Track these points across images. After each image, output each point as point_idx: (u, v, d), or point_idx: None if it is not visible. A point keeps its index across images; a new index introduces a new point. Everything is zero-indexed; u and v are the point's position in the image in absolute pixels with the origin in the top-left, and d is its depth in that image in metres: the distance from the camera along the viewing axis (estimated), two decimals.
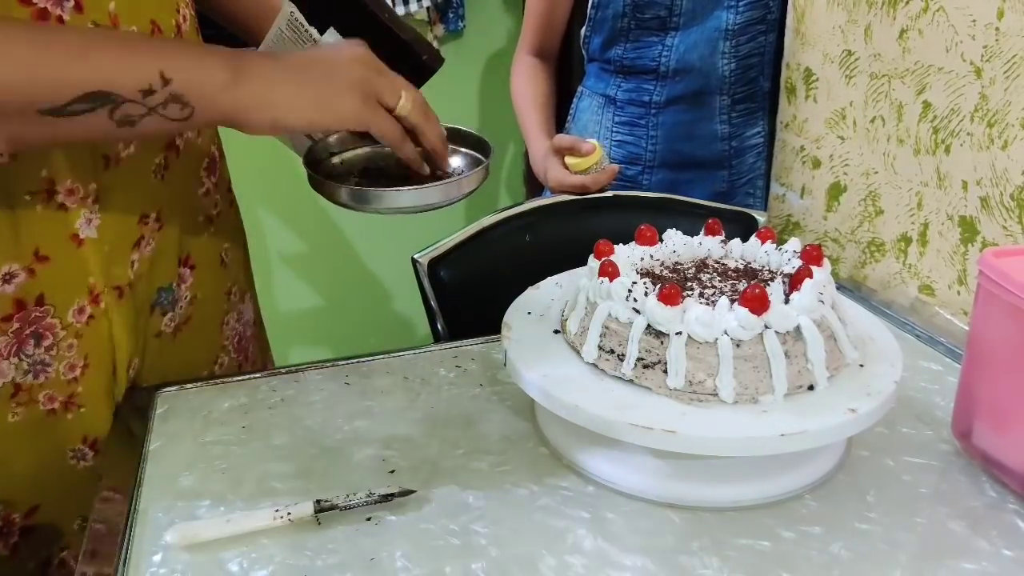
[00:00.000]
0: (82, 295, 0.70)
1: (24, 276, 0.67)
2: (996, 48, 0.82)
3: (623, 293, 0.62)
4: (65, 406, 0.72)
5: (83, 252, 0.70)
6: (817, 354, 0.60)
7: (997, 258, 0.61)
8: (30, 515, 0.73)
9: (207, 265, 0.84)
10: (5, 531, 0.72)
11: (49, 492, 0.73)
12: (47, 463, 0.72)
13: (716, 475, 0.61)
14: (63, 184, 0.67)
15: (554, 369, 0.64)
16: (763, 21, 1.16)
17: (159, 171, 0.75)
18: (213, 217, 0.85)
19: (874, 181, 1.01)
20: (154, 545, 0.58)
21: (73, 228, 0.68)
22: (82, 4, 0.64)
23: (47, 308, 0.68)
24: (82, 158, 0.68)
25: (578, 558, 0.56)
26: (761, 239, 0.72)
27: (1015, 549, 0.57)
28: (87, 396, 0.73)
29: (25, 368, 0.69)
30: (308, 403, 0.75)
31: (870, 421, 0.60)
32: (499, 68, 2.06)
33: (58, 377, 0.70)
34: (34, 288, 0.67)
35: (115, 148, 0.70)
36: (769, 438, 0.57)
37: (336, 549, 0.57)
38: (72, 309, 0.70)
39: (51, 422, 0.71)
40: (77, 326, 0.70)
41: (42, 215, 0.66)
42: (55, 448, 0.73)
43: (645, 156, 1.25)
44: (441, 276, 1.07)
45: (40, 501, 0.73)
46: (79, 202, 0.68)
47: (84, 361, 0.72)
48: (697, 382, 0.60)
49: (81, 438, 0.73)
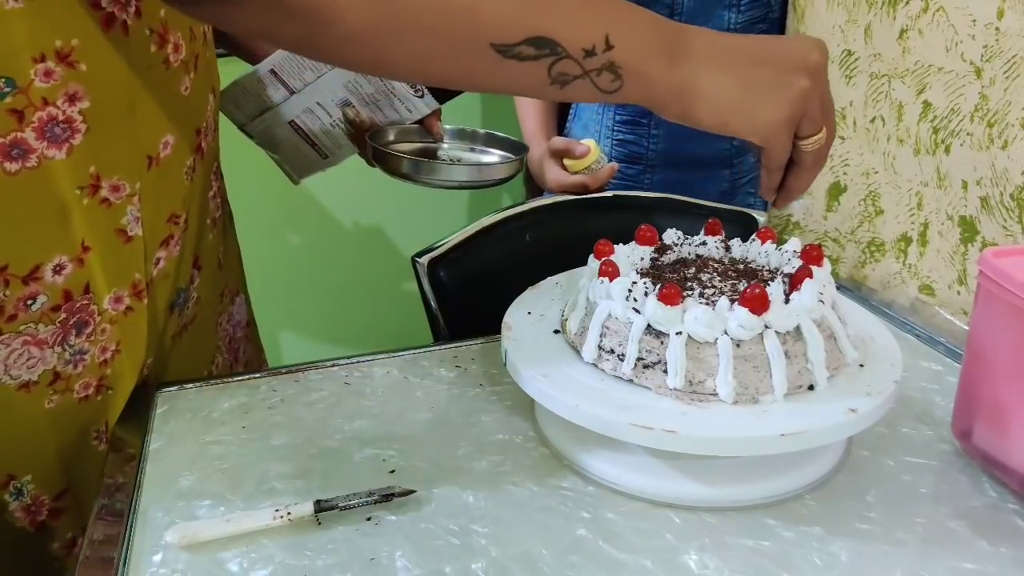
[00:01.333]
0: (123, 286, 0.72)
1: (72, 267, 0.68)
2: (996, 48, 0.82)
3: (623, 293, 0.62)
4: (97, 390, 0.73)
5: (129, 248, 0.71)
6: (817, 354, 0.60)
7: (997, 258, 0.61)
8: (59, 498, 0.74)
9: (209, 266, 0.85)
10: (33, 510, 0.73)
11: (76, 475, 0.75)
12: (74, 445, 0.74)
13: (716, 475, 0.61)
14: (109, 180, 0.68)
15: (554, 369, 0.64)
16: (764, 20, 1.16)
17: (189, 173, 0.76)
18: (216, 219, 0.86)
19: (874, 181, 1.01)
20: (154, 545, 0.58)
21: (119, 223, 0.70)
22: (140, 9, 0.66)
23: (91, 296, 0.70)
24: (129, 157, 0.69)
25: (578, 558, 0.56)
26: (761, 239, 0.72)
27: (1015, 549, 0.57)
28: (115, 380, 0.74)
29: (67, 358, 0.70)
30: (308, 403, 0.75)
31: (870, 421, 0.60)
32: None
33: (93, 362, 0.72)
34: (81, 278, 0.69)
35: (156, 148, 0.72)
36: (769, 438, 0.57)
37: (336, 549, 0.57)
38: (108, 297, 0.71)
39: (83, 407, 0.73)
40: (112, 313, 0.72)
41: (88, 208, 0.67)
42: (82, 430, 0.74)
43: (647, 155, 1.25)
44: (441, 276, 1.07)
45: (68, 485, 0.74)
46: (124, 199, 0.70)
47: (116, 346, 0.73)
48: (697, 382, 0.60)
49: (104, 421, 0.75)
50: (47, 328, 0.68)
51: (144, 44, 0.67)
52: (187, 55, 0.73)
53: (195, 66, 0.75)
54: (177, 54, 0.71)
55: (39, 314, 0.67)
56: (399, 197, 2.09)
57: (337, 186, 1.94)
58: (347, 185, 1.96)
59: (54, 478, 0.74)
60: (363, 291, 2.07)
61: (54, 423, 0.72)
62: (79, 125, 0.64)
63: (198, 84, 0.76)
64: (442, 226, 1.13)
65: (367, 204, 2.03)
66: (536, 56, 0.55)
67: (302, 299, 2.00)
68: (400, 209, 2.09)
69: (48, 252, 0.67)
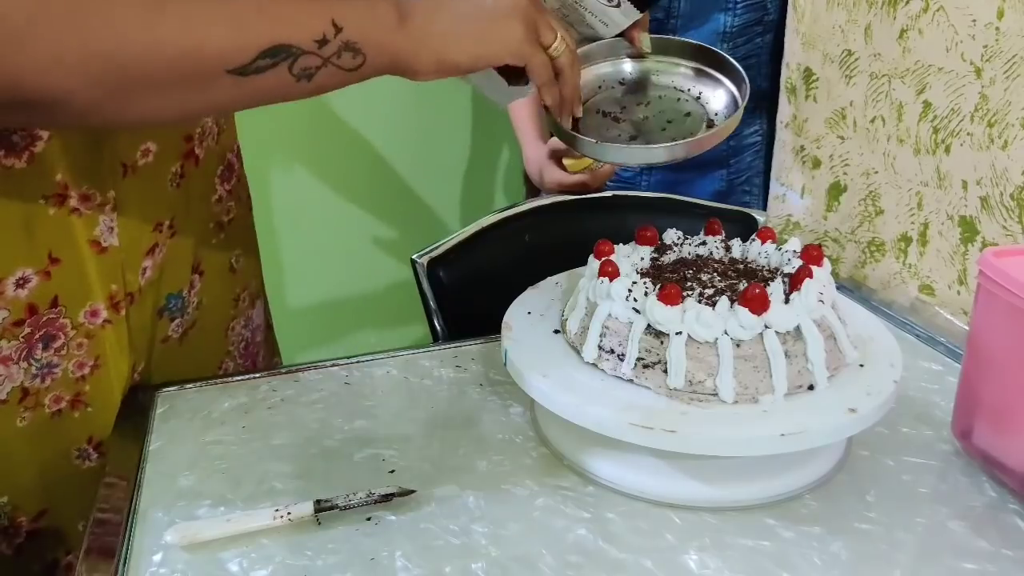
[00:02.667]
0: (98, 298, 0.70)
1: (37, 280, 0.67)
2: (996, 48, 0.82)
3: (623, 293, 0.62)
4: (72, 405, 0.72)
5: (105, 259, 0.70)
6: (817, 354, 0.60)
7: (997, 258, 0.62)
8: (38, 519, 0.73)
9: (216, 271, 0.84)
10: (11, 532, 0.72)
11: (56, 495, 0.73)
12: (54, 465, 0.72)
13: (716, 475, 0.61)
14: (78, 189, 0.67)
15: (554, 369, 0.64)
16: (760, 23, 1.17)
17: (175, 179, 0.75)
18: (224, 224, 0.84)
19: (874, 181, 1.01)
20: (154, 545, 0.58)
21: (92, 234, 0.68)
22: None
23: (60, 309, 0.68)
24: (99, 165, 0.68)
25: (578, 558, 0.56)
26: (761, 239, 0.72)
27: (1015, 549, 0.57)
28: (95, 396, 0.73)
29: (33, 372, 0.69)
30: (308, 403, 0.75)
31: (870, 421, 0.60)
32: None
33: (66, 376, 0.70)
34: (48, 291, 0.67)
35: (133, 156, 0.70)
36: (769, 438, 0.57)
37: (336, 549, 0.57)
38: (84, 311, 0.70)
39: (57, 423, 0.71)
40: (89, 327, 0.70)
41: (55, 218, 0.66)
42: (61, 449, 0.73)
43: None
44: (440, 276, 1.07)
45: (47, 505, 0.73)
46: (95, 208, 0.68)
47: (95, 361, 0.72)
48: (697, 382, 0.60)
49: (87, 438, 0.73)
50: (10, 344, 0.67)
51: None
52: None
53: None
54: None
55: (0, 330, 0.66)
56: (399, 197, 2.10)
57: (337, 186, 1.94)
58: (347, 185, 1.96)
59: (32, 499, 0.72)
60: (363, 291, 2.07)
61: (29, 441, 0.70)
62: (39, 132, 0.63)
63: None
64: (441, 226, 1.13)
65: (367, 204, 2.03)
66: (274, 64, 0.56)
67: (302, 299, 2.00)
68: (400, 209, 2.09)
69: (9, 265, 0.65)
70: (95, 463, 0.74)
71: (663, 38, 0.76)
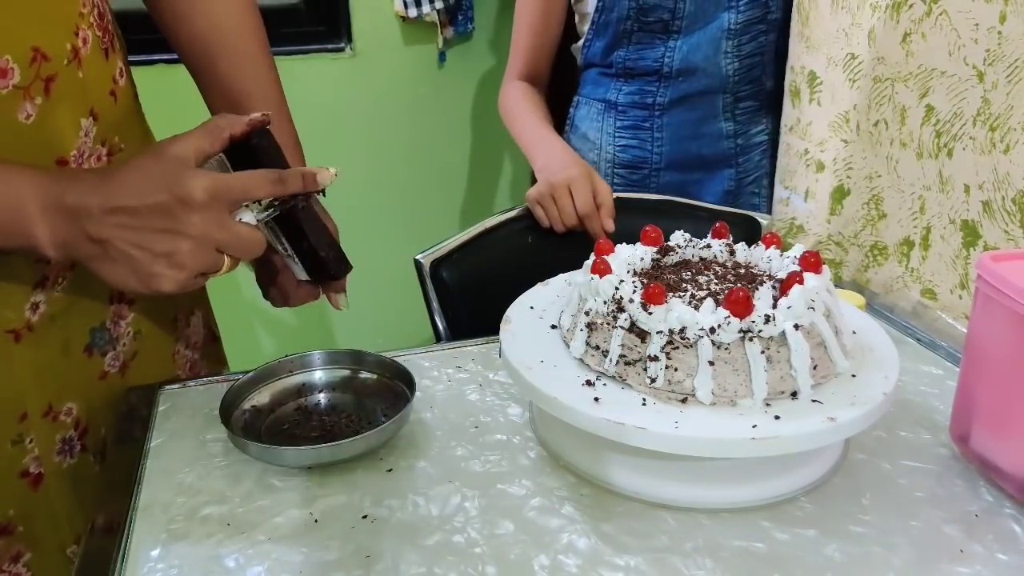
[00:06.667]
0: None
1: None
2: (999, 52, 0.82)
3: (609, 291, 0.63)
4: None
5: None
6: (801, 361, 0.60)
7: (995, 262, 0.61)
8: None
9: (146, 298, 0.79)
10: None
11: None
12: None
13: (711, 476, 0.61)
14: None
15: (543, 362, 0.65)
16: (763, 20, 1.16)
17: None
18: None
19: (877, 185, 1.00)
20: (153, 541, 0.59)
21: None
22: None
23: None
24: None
25: (572, 558, 0.56)
26: (766, 244, 0.72)
27: (1011, 553, 0.57)
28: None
29: None
30: None
31: (850, 431, 0.59)
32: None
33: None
34: None
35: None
36: (738, 440, 0.56)
37: (332, 547, 0.58)
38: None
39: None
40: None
41: None
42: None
43: (651, 159, 1.25)
44: (443, 276, 1.07)
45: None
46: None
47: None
48: (676, 382, 0.60)
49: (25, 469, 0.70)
50: None
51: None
52: (25, 79, 0.63)
53: (46, 91, 0.65)
54: (5, 79, 0.62)
55: None
56: (401, 197, 2.10)
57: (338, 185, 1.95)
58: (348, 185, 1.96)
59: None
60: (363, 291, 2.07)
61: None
62: None
63: (54, 110, 0.66)
64: (444, 226, 1.13)
65: (369, 204, 2.03)
66: None
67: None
68: (402, 209, 2.10)
69: None
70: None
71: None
